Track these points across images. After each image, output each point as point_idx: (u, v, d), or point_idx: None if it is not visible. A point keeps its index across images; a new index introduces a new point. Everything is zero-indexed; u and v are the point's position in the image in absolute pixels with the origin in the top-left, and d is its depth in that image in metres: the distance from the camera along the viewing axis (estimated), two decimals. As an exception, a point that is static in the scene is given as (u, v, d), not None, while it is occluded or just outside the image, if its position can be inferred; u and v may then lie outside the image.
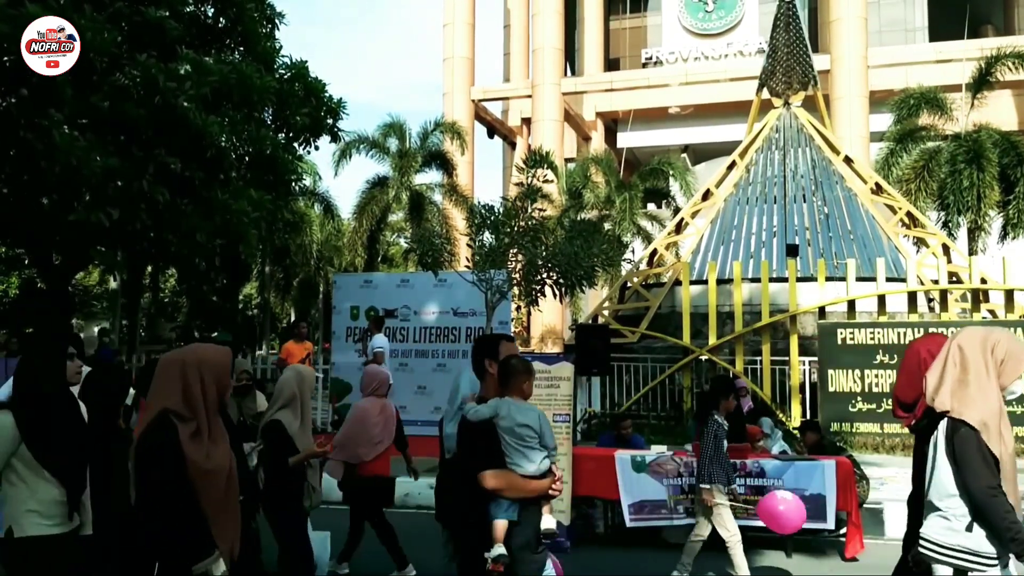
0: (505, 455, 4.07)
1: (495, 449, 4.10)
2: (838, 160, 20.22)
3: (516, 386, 4.15)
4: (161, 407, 3.48)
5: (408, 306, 14.64)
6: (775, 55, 20.64)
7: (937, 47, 34.29)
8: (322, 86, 14.03)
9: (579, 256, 10.55)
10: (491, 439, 4.10)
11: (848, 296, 15.14)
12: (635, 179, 30.40)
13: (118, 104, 10.15)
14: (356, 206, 29.11)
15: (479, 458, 3.97)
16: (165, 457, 3.40)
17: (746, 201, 20.43)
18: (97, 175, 9.74)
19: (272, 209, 12.32)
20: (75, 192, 10.32)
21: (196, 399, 3.51)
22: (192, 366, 3.54)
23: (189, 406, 3.49)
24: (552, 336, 32.27)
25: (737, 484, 7.78)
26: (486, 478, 3.99)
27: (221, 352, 3.69)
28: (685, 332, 15.92)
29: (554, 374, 8.67)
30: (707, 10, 42.11)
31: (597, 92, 40.31)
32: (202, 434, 3.51)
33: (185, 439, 3.44)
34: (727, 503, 7.04)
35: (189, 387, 3.50)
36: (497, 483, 4.01)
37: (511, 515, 4.04)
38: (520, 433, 4.05)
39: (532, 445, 4.07)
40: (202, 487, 3.45)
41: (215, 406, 3.61)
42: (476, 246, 11.61)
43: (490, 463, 4.04)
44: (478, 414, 4.14)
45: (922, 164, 23.98)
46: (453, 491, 5.49)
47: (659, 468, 8.31)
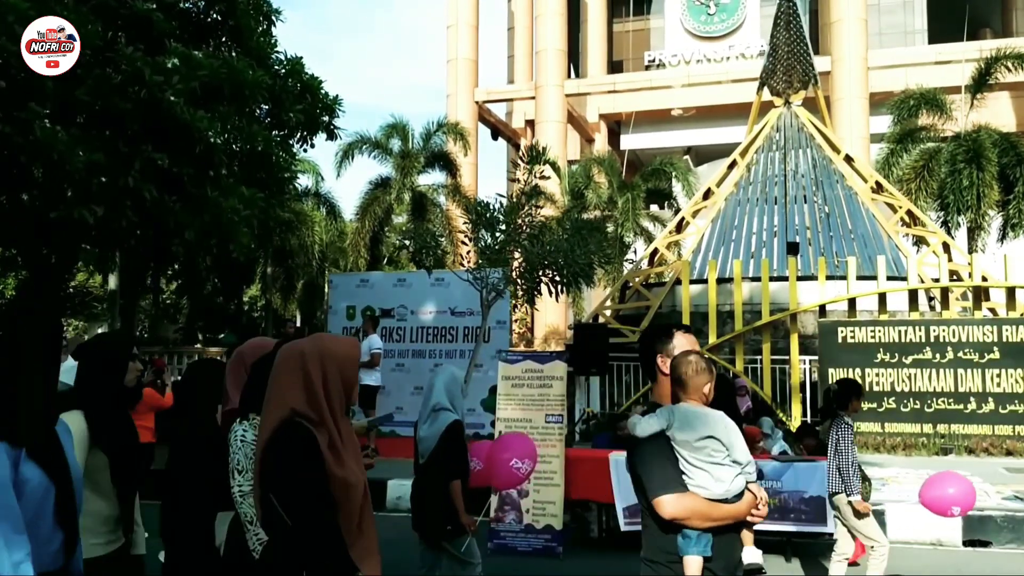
0: (684, 474, 3.26)
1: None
2: (839, 159, 20.12)
3: (696, 388, 3.33)
4: (288, 409, 2.94)
5: (405, 306, 14.54)
6: (775, 54, 20.54)
7: (936, 49, 34.28)
8: (318, 83, 13.91)
9: (576, 253, 10.43)
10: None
11: (849, 294, 15.02)
12: (637, 180, 30.42)
13: (103, 98, 10.00)
14: (358, 207, 29.07)
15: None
16: (312, 469, 2.86)
17: (747, 200, 20.33)
18: (80, 170, 9.57)
19: (265, 207, 12.17)
20: (58, 188, 10.15)
21: (319, 398, 2.97)
22: (314, 359, 3.00)
23: (314, 407, 2.96)
24: (555, 336, 32.20)
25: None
26: (664, 504, 3.18)
27: (347, 343, 3.17)
28: (686, 332, 15.74)
29: (547, 373, 8.53)
30: (709, 13, 42.19)
31: (600, 94, 40.30)
32: (335, 441, 2.97)
33: (323, 447, 2.90)
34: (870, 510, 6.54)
35: (311, 384, 2.97)
36: (679, 511, 3.17)
37: (704, 549, 3.19)
38: (703, 447, 3.25)
39: (719, 461, 3.26)
40: (342, 504, 2.91)
41: (342, 406, 3.06)
42: (473, 244, 11.49)
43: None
44: (647, 428, 3.31)
45: (922, 164, 24.03)
46: (428, 500, 5.36)
47: None
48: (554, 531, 8.24)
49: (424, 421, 5.45)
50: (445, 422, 5.34)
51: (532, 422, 8.37)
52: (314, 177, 30.30)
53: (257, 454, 2.99)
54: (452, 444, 5.31)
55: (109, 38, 10.71)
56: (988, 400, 13.52)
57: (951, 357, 13.67)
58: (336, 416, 2.99)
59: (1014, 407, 13.39)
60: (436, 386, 5.49)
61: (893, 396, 13.88)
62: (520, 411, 8.43)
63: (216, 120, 10.92)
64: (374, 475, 10.74)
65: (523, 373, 8.56)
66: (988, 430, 13.47)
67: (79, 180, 9.78)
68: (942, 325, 13.86)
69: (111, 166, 10.04)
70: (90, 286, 30.70)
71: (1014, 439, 13.27)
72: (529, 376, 8.51)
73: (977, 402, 13.56)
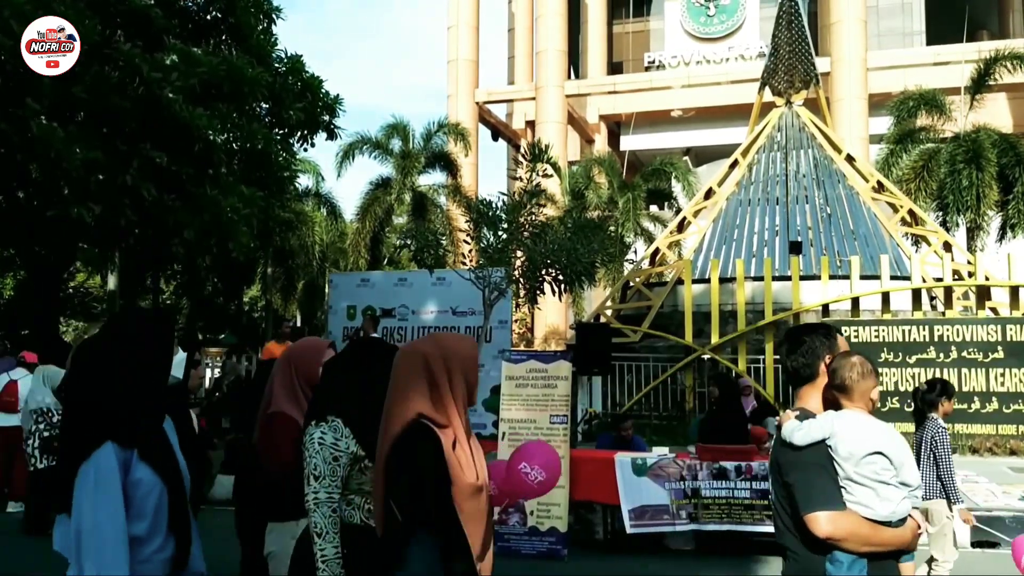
0: (843, 490, 2.90)
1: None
2: (840, 159, 20.07)
3: (862, 394, 2.95)
4: (415, 412, 2.86)
5: (406, 305, 14.43)
6: (777, 54, 20.49)
7: (935, 50, 34.35)
8: (319, 82, 13.83)
9: (580, 252, 10.34)
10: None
11: (852, 294, 14.94)
12: (638, 179, 30.43)
13: (100, 95, 9.88)
14: (359, 207, 29.04)
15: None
16: (438, 473, 2.80)
17: (748, 200, 20.27)
18: (78, 168, 9.45)
19: (264, 207, 12.07)
20: (55, 186, 10.03)
21: (445, 401, 2.92)
22: (437, 360, 2.94)
23: (440, 409, 2.90)
24: (555, 336, 32.15)
25: (742, 488, 7.56)
26: (820, 521, 2.81)
27: (468, 342, 3.11)
28: (687, 331, 15.74)
29: (551, 373, 8.43)
30: (709, 14, 42.31)
31: (600, 94, 40.38)
32: (462, 443, 2.92)
33: (447, 451, 2.83)
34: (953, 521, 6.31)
35: (437, 386, 2.91)
36: (836, 530, 2.81)
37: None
38: (870, 463, 2.87)
39: (886, 480, 2.88)
40: (465, 509, 2.83)
41: (465, 408, 3.00)
42: (475, 243, 11.40)
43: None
44: (809, 435, 2.93)
45: (922, 164, 24.10)
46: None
47: (661, 471, 8.01)
48: (559, 533, 8.14)
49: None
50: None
51: (536, 423, 8.28)
52: (315, 177, 30.27)
53: (380, 458, 2.90)
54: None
55: (107, 35, 10.61)
56: (992, 400, 13.45)
57: (955, 356, 13.61)
58: (461, 418, 2.96)
59: (1018, 406, 13.32)
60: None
61: (897, 396, 13.79)
62: (524, 412, 8.34)
63: (215, 118, 10.82)
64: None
65: (527, 373, 8.46)
66: (992, 430, 13.40)
67: (76, 178, 9.65)
68: (946, 324, 13.80)
69: (109, 164, 9.93)
70: (89, 286, 30.61)
71: (1018, 439, 13.20)
72: (533, 376, 8.41)
73: (981, 401, 13.49)
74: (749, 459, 7.95)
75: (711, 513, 7.72)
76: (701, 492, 7.78)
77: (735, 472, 7.75)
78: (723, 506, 7.70)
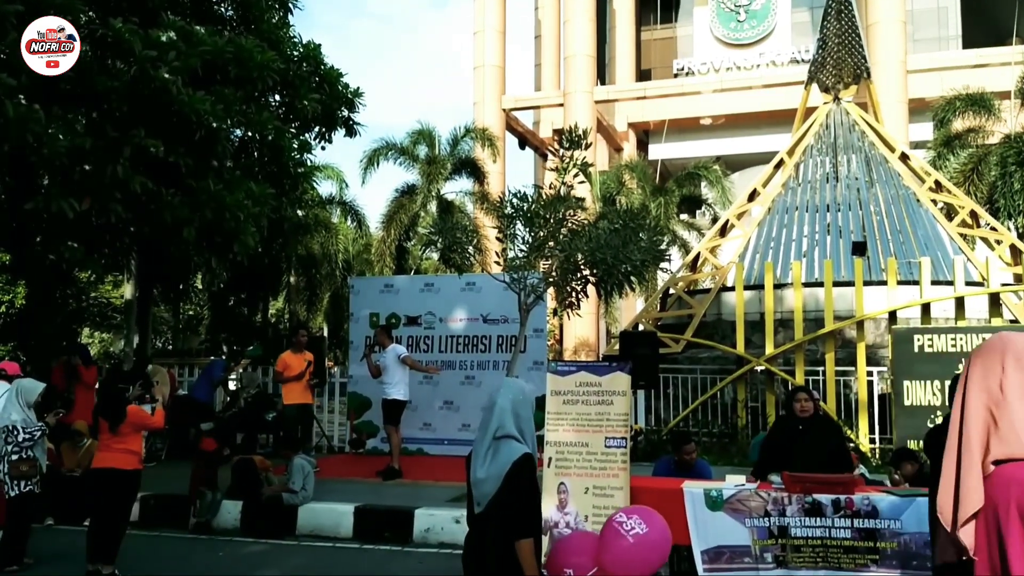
0: None
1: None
2: (894, 157, 18.80)
3: None
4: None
5: (433, 313, 13.29)
6: (825, 47, 19.28)
7: (977, 52, 33.64)
8: (337, 73, 12.68)
9: (628, 249, 9.08)
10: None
11: (922, 299, 13.63)
12: (671, 184, 29.68)
13: (85, 75, 8.72)
14: (384, 215, 28.20)
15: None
16: None
17: (795, 202, 19.03)
18: (60, 156, 8.27)
19: (276, 205, 10.88)
20: (33, 176, 8.84)
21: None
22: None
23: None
24: (585, 348, 31.12)
25: (841, 526, 6.26)
26: None
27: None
28: (739, 340, 14.46)
29: (606, 387, 7.09)
30: (739, 20, 41.60)
31: (629, 100, 39.79)
32: None
33: None
34: None
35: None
36: None
37: None
38: None
39: None
40: None
41: None
42: (508, 241, 10.17)
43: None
44: None
45: (971, 167, 23.33)
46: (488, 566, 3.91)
47: (740, 505, 6.54)
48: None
49: (481, 456, 3.84)
50: (511, 457, 3.78)
51: (589, 446, 6.99)
52: (338, 184, 29.40)
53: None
54: (521, 487, 3.79)
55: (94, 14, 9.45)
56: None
57: (1041, 367, 12.27)
58: None
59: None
60: (499, 405, 3.89)
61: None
62: (574, 433, 7.04)
63: (219, 103, 9.62)
64: (399, 502, 9.51)
65: (576, 387, 7.16)
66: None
67: (58, 167, 8.46)
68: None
69: (97, 153, 8.74)
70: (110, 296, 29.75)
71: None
72: (584, 391, 7.12)
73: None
74: (849, 491, 6.54)
75: (803, 556, 6.34)
76: (790, 531, 6.40)
77: (832, 507, 6.38)
78: (818, 548, 6.33)
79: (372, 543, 8.79)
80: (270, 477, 9.69)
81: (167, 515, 9.65)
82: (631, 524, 3.16)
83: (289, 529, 9.19)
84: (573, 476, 7.05)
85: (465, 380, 13.10)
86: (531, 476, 3.83)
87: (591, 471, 7.02)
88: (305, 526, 9.25)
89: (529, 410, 3.94)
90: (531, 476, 3.83)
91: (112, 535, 7.37)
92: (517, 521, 3.76)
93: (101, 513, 7.42)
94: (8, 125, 7.86)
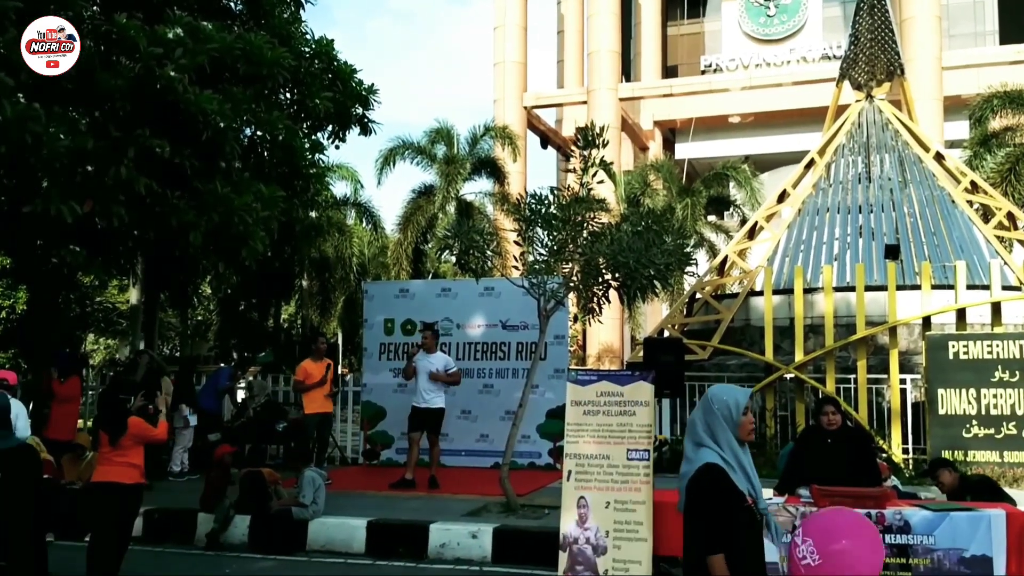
0: None
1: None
2: (928, 157, 18.28)
3: None
4: None
5: (450, 319, 12.94)
6: (857, 42, 18.77)
7: (1016, 48, 32.76)
8: (351, 70, 12.33)
9: (652, 252, 8.67)
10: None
11: (957, 304, 13.16)
12: (698, 185, 29.10)
13: (88, 73, 8.40)
14: (400, 216, 27.86)
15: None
16: None
17: (826, 203, 18.55)
18: (61, 157, 7.96)
19: (287, 208, 10.54)
20: (32, 177, 8.53)
21: None
22: None
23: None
24: (609, 355, 30.65)
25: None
26: None
27: None
28: (768, 347, 14.02)
29: (628, 397, 6.77)
30: (769, 14, 40.94)
31: (655, 98, 39.18)
32: None
33: None
34: None
35: None
36: None
37: None
38: None
39: None
40: None
41: None
42: (527, 244, 9.77)
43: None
44: None
45: (1008, 167, 22.65)
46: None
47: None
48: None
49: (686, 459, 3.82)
50: (694, 464, 3.70)
51: (611, 459, 6.67)
52: (353, 184, 29.05)
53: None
54: (705, 498, 3.66)
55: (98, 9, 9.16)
56: None
57: (1084, 377, 11.81)
58: None
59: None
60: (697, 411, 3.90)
61: (1014, 421, 12.02)
62: (595, 445, 6.72)
63: (227, 102, 9.29)
64: (413, 516, 9.16)
65: (597, 397, 6.83)
66: None
67: (59, 168, 8.15)
68: (1072, 339, 12.01)
69: (99, 153, 8.43)
70: (116, 300, 29.64)
71: None
72: (605, 401, 6.78)
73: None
74: (881, 505, 6.28)
75: (835, 574, 6.01)
76: (820, 548, 6.08)
77: (863, 522, 6.06)
78: (850, 565, 6.00)
79: (385, 559, 8.49)
80: (279, 490, 9.38)
81: (172, 530, 9.36)
82: (803, 551, 2.90)
83: (299, 544, 8.89)
84: (594, 490, 6.87)
85: (483, 389, 12.73)
86: (711, 486, 3.66)
87: (612, 485, 6.82)
88: (316, 541, 8.94)
89: (713, 415, 3.81)
90: (711, 486, 3.66)
91: (112, 552, 7.07)
92: (701, 535, 3.66)
93: (101, 529, 7.12)
94: (6, 125, 7.57)
